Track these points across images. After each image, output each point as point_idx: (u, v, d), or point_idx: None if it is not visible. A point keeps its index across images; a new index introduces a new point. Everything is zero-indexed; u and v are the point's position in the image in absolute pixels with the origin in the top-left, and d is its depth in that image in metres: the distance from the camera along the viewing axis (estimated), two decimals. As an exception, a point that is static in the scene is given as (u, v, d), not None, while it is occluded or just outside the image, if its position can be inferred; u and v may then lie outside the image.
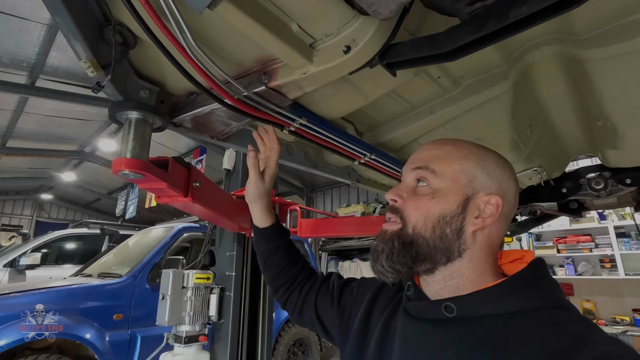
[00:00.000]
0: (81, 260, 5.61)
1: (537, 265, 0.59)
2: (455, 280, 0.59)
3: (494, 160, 0.63)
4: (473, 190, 0.59)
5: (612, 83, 0.97)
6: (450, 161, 0.61)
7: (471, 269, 0.59)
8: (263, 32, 0.65)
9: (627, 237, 4.49)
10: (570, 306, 0.55)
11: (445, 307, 0.57)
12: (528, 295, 0.55)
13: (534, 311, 0.53)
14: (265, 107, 0.87)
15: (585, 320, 0.52)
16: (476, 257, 0.59)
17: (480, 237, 0.59)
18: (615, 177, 1.79)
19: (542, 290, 0.56)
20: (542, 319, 0.51)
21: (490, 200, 0.58)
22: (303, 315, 0.88)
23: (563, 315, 0.52)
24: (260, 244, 0.95)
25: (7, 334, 2.52)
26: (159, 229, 4.25)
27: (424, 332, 0.59)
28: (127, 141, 0.86)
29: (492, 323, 0.53)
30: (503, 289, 0.56)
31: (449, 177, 0.60)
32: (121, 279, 3.22)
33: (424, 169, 0.62)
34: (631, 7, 0.78)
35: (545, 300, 0.54)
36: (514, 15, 0.53)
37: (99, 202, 13.01)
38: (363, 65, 0.72)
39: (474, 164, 0.61)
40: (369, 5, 0.55)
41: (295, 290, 0.91)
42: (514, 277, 0.57)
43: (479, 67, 1.01)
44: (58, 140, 7.51)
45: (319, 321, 0.84)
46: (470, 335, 0.53)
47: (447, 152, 0.63)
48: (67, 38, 0.68)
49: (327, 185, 9.24)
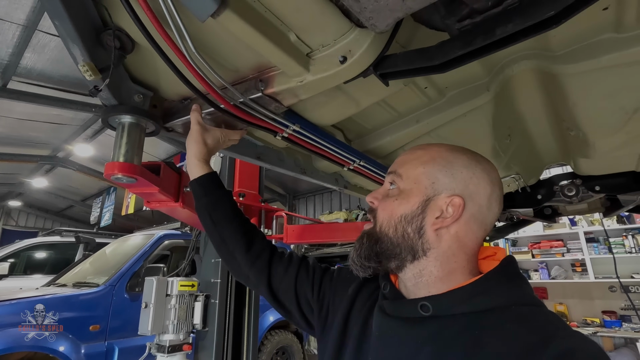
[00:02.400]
0: (52, 270, 5.37)
1: (509, 263, 0.62)
2: (424, 277, 0.62)
3: (462, 162, 0.65)
4: (434, 191, 0.62)
5: (584, 96, 1.04)
6: (416, 165, 0.65)
7: (438, 268, 0.61)
8: (263, 40, 0.67)
9: (596, 242, 4.73)
10: (539, 303, 0.58)
11: (421, 306, 0.59)
12: (500, 293, 0.57)
13: (506, 308, 0.56)
14: (260, 113, 0.89)
15: (553, 316, 0.55)
16: (443, 256, 0.61)
17: (447, 237, 0.62)
18: (585, 184, 1.90)
19: (513, 288, 0.59)
20: (513, 315, 0.54)
21: (452, 201, 0.61)
22: (282, 302, 0.84)
23: (532, 312, 0.55)
24: (201, 198, 0.88)
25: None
26: (138, 236, 4.14)
27: (400, 331, 0.60)
28: (120, 145, 0.86)
29: (466, 321, 0.56)
30: (477, 287, 0.58)
31: (412, 179, 0.64)
32: (98, 289, 3.11)
33: (393, 173, 0.68)
34: (599, 28, 0.85)
35: (516, 297, 0.57)
36: (500, 32, 0.58)
37: (72, 209, 12.50)
38: (358, 75, 0.75)
39: (439, 166, 0.64)
40: (367, 19, 0.58)
41: (264, 270, 0.84)
42: (486, 275, 0.60)
43: (463, 79, 1.07)
44: (29, 145, 7.20)
45: (298, 309, 0.81)
46: (445, 333, 0.56)
47: (416, 156, 0.67)
48: (64, 42, 0.68)
49: (310, 192, 9.25)
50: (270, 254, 0.87)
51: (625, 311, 4.48)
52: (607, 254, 4.57)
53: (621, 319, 4.46)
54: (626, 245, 4.49)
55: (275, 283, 0.84)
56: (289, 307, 0.83)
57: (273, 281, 0.84)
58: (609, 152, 1.36)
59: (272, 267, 0.85)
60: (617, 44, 0.86)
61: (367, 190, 1.83)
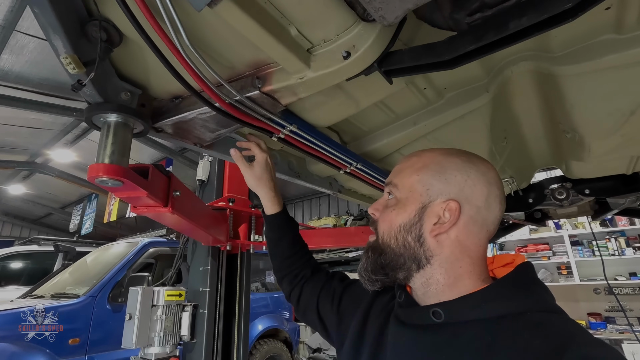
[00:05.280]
0: (29, 281, 5.12)
1: (523, 269, 0.60)
2: (432, 286, 0.61)
3: (455, 165, 0.63)
4: (430, 198, 0.61)
5: (582, 98, 1.04)
6: (410, 173, 0.65)
7: (444, 275, 0.60)
8: (262, 33, 0.63)
9: (581, 245, 4.82)
10: (558, 309, 0.56)
11: (433, 313, 0.58)
12: (514, 299, 0.56)
13: (520, 315, 0.54)
14: (257, 112, 0.85)
15: (571, 322, 0.53)
16: (447, 262, 0.60)
17: (447, 243, 0.60)
18: (575, 187, 1.92)
19: (528, 294, 0.57)
20: (528, 322, 0.52)
21: (448, 205, 0.60)
22: (307, 315, 0.92)
23: (549, 318, 0.53)
24: (267, 232, 1.02)
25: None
26: (120, 244, 4.00)
27: (413, 338, 0.60)
28: (105, 146, 0.80)
29: (479, 327, 0.54)
30: (488, 293, 0.57)
31: (407, 188, 0.64)
32: (78, 300, 2.97)
33: (390, 184, 0.67)
34: (600, 29, 0.85)
35: (532, 303, 0.56)
36: (513, 26, 0.56)
37: (50, 217, 12.06)
38: (361, 72, 0.72)
39: (432, 172, 0.63)
40: (376, 10, 0.55)
41: (297, 286, 0.95)
42: (499, 281, 0.59)
43: (462, 80, 1.05)
44: (6, 150, 6.92)
45: (320, 322, 0.87)
46: (458, 340, 0.54)
47: (410, 164, 0.66)
48: (45, 32, 0.63)
49: (298, 198, 9.19)
50: (306, 280, 0.95)
51: (610, 313, 4.57)
52: (591, 257, 4.67)
53: (606, 321, 4.54)
54: (610, 247, 4.59)
55: (303, 302, 0.93)
56: (313, 322, 0.90)
57: (301, 300, 0.93)
58: (603, 155, 1.37)
59: (304, 288, 0.94)
60: (618, 45, 0.86)
61: (360, 195, 1.80)
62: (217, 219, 1.90)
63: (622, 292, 4.48)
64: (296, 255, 0.98)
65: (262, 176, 0.98)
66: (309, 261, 0.99)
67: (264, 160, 0.98)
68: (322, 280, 0.92)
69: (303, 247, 1.01)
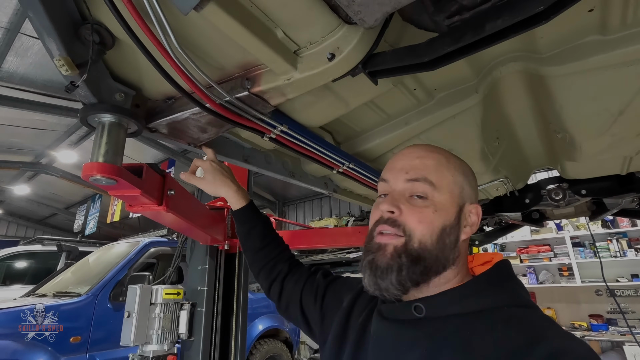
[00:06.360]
0: (33, 280, 5.17)
1: (501, 266, 0.62)
2: (443, 286, 0.61)
3: (470, 170, 0.67)
4: (463, 200, 0.63)
5: (571, 98, 1.05)
6: (444, 172, 0.62)
7: (456, 274, 0.62)
8: (248, 36, 0.65)
9: (582, 246, 4.80)
10: (532, 304, 0.58)
11: (415, 308, 0.60)
12: (491, 295, 0.58)
13: (497, 309, 0.56)
14: (247, 112, 0.87)
15: (545, 317, 0.55)
16: (462, 263, 0.63)
17: (464, 245, 0.64)
18: (572, 188, 1.92)
19: (505, 290, 0.59)
20: (504, 317, 0.54)
21: (476, 209, 0.63)
22: (289, 311, 0.91)
23: (524, 313, 0.55)
24: (237, 228, 1.02)
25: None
26: (122, 244, 4.03)
27: (395, 332, 0.61)
28: (99, 145, 0.82)
29: (458, 322, 0.56)
30: (467, 289, 0.59)
31: (446, 189, 0.61)
32: (80, 298, 3.00)
33: (422, 180, 0.61)
34: (585, 30, 0.86)
35: (508, 299, 0.58)
36: (489, 28, 0.57)
37: (55, 217, 12.16)
38: (346, 73, 0.74)
39: (462, 175, 0.64)
40: (356, 13, 0.57)
41: (277, 281, 0.94)
42: (477, 277, 0.61)
43: (452, 81, 1.06)
44: (11, 151, 7.00)
45: (303, 318, 0.87)
46: (437, 334, 0.56)
47: (438, 161, 0.64)
48: (40, 35, 0.65)
49: (299, 199, 9.20)
50: (285, 274, 0.94)
51: (612, 314, 4.54)
52: (593, 258, 4.64)
53: (608, 323, 4.51)
54: (611, 249, 4.57)
55: (284, 298, 0.92)
56: (296, 319, 0.89)
57: (283, 296, 0.92)
58: (595, 155, 1.38)
59: (284, 284, 0.93)
60: (603, 46, 0.87)
61: (356, 195, 1.82)
62: (215, 218, 1.92)
63: (624, 294, 4.46)
64: (269, 247, 0.97)
65: (214, 181, 0.99)
66: (283, 253, 0.98)
67: (209, 167, 1.00)
68: (305, 275, 0.91)
69: (275, 239, 1.00)
